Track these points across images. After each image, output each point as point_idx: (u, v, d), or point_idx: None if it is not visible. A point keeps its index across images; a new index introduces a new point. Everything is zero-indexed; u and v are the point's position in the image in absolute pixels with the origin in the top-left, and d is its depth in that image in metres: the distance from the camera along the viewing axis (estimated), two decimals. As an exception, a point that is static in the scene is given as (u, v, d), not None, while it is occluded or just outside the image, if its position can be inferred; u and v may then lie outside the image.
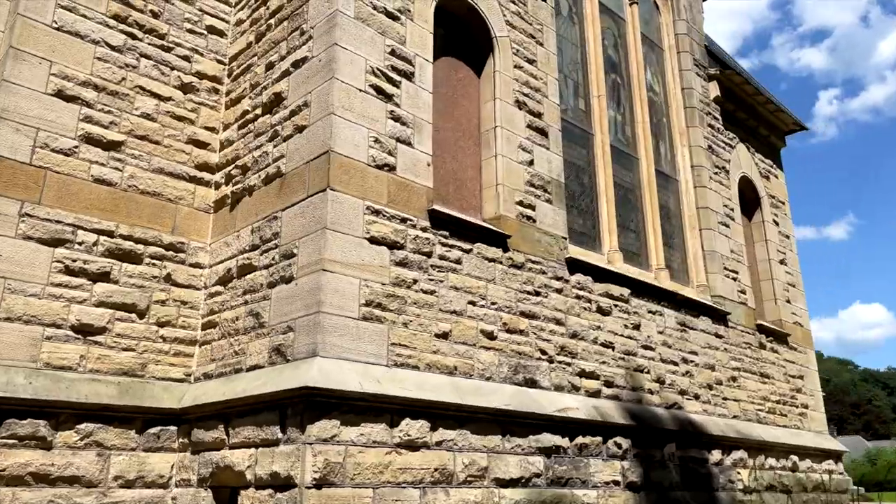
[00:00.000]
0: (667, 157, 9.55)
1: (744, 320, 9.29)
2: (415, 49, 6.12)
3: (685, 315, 8.27)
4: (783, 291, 10.43)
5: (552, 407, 6.09)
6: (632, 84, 9.24)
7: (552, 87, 7.49)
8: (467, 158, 6.66)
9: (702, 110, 9.89)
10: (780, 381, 9.65)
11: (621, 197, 8.51)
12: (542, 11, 7.66)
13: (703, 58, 10.33)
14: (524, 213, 6.66)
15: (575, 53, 8.55)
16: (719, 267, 9.13)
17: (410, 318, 5.41)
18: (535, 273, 6.57)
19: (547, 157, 7.13)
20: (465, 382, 5.58)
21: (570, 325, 6.75)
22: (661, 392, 7.55)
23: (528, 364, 6.20)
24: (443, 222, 5.88)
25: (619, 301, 7.40)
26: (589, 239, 7.85)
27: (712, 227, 9.27)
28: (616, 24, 9.42)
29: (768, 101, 11.03)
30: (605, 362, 7.01)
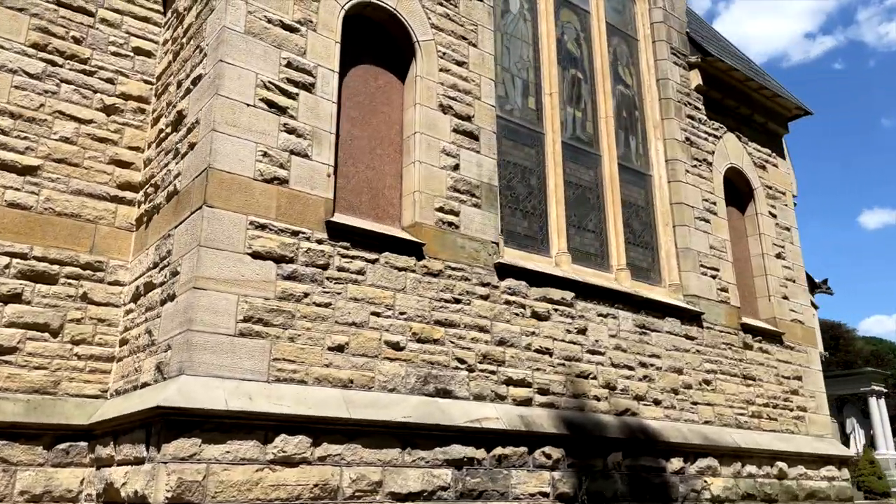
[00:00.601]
0: (639, 152, 9.18)
1: (724, 320, 8.83)
2: (316, 60, 6.08)
3: (646, 317, 7.92)
4: (779, 287, 9.87)
5: (465, 418, 5.94)
6: (595, 79, 8.93)
7: (486, 88, 7.31)
8: (386, 166, 6.58)
9: (679, 101, 9.47)
10: (770, 382, 9.12)
11: (578, 196, 8.24)
12: (477, 11, 7.49)
13: (684, 45, 9.89)
14: (445, 220, 6.53)
15: (526, 51, 8.33)
16: (694, 265, 8.71)
17: (299, 332, 5.38)
18: (455, 280, 6.43)
19: (477, 160, 6.97)
20: (359, 395, 5.51)
21: (497, 332, 6.57)
22: (610, 398, 7.26)
23: (441, 374, 6.07)
24: (343, 233, 5.82)
25: (560, 305, 7.15)
26: (535, 242, 7.62)
27: (687, 223, 8.85)
28: (579, 18, 9.13)
29: (762, 87, 10.45)
30: (541, 369, 6.79)
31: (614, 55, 9.38)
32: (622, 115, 9.15)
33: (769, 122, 10.78)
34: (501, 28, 8.16)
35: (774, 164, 10.74)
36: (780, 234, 10.28)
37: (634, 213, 8.80)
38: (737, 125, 10.31)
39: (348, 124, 6.44)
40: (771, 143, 10.83)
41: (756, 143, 10.55)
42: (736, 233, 10.01)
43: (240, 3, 5.76)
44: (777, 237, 10.20)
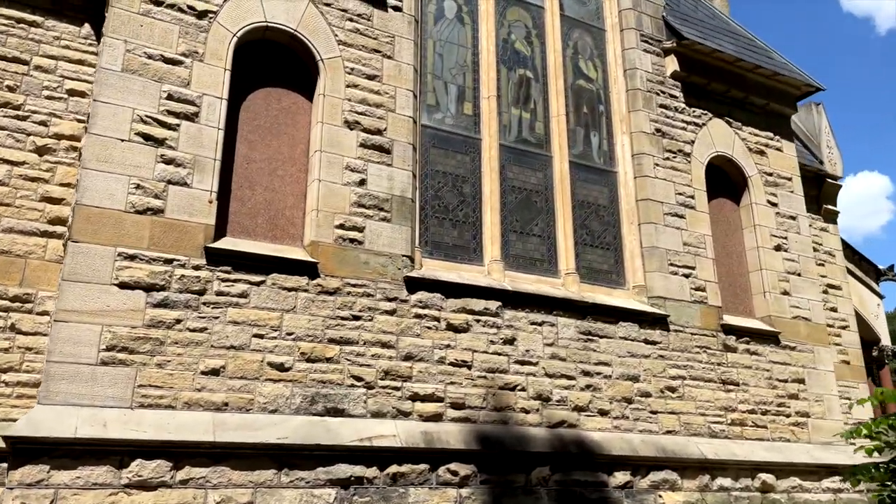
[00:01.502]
0: (602, 149, 8.76)
1: (699, 321, 8.26)
2: (202, 89, 6.24)
3: (593, 323, 7.55)
4: (778, 283, 9.10)
5: (354, 436, 5.90)
6: (548, 76, 8.60)
7: (403, 99, 7.22)
8: (288, 187, 6.65)
9: (650, 90, 8.95)
10: (760, 387, 8.43)
11: (522, 200, 7.97)
12: (394, 23, 7.42)
13: (659, 30, 9.34)
14: (346, 237, 6.51)
15: (464, 56, 8.15)
16: (661, 264, 8.21)
17: (169, 357, 5.54)
18: (356, 297, 6.40)
19: (388, 173, 6.90)
20: (233, 418, 5.60)
21: (404, 347, 6.48)
22: (543, 410, 6.97)
23: (332, 393, 6.06)
24: (224, 258, 5.94)
25: (483, 315, 6.95)
26: (467, 251, 7.45)
27: (654, 220, 8.35)
28: (532, 15, 8.83)
29: (757, 66, 9.69)
30: (456, 383, 6.63)
31: (574, 49, 9.00)
32: (582, 112, 8.77)
33: (770, 103, 9.97)
34: (434, 35, 8.04)
35: (777, 147, 9.92)
36: (783, 224, 9.48)
37: (594, 212, 8.41)
38: (727, 110, 9.61)
39: (245, 148, 6.56)
40: (774, 126, 10.02)
41: (753, 127, 9.79)
42: (729, 226, 9.34)
43: (118, 44, 6.01)
44: (777, 227, 9.41)
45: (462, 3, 8.37)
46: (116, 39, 6.01)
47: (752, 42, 10.39)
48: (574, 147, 8.54)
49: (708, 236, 8.70)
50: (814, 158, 13.05)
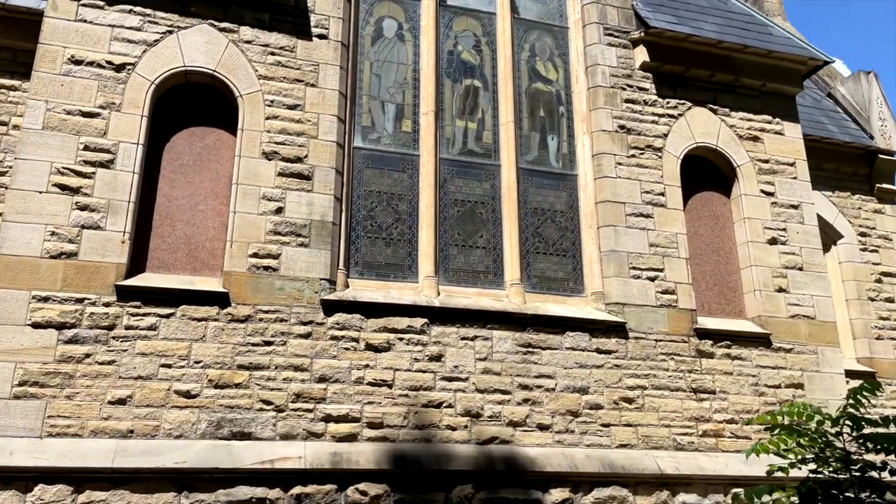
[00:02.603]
0: (560, 152, 8.48)
1: (666, 326, 7.78)
2: (118, 137, 6.73)
3: (535, 334, 7.33)
4: (772, 280, 8.37)
5: (256, 459, 6.12)
6: (498, 83, 8.45)
7: (326, 125, 7.38)
8: (209, 220, 7.00)
9: (614, 86, 8.55)
10: (742, 394, 7.80)
11: (465, 213, 7.88)
12: (319, 51, 7.61)
13: (628, 21, 8.90)
14: (261, 265, 6.77)
15: (403, 73, 8.20)
16: (621, 268, 7.82)
17: (78, 389, 6.02)
18: (268, 323, 6.63)
19: (308, 199, 7.09)
20: (136, 444, 5.98)
21: (318, 370, 6.63)
22: (472, 427, 6.87)
23: (239, 417, 6.31)
24: (134, 293, 6.37)
25: (406, 333, 6.96)
26: (402, 269, 7.48)
27: (614, 222, 7.98)
28: (481, 23, 8.72)
29: (745, 46, 9.00)
30: (375, 402, 6.68)
31: (531, 52, 8.78)
32: (539, 116, 8.53)
33: (767, 83, 9.21)
34: (371, 56, 8.16)
35: (777, 130, 9.14)
36: (780, 215, 8.72)
37: (549, 219, 8.16)
38: (711, 97, 8.99)
39: (167, 186, 6.98)
40: (773, 108, 9.24)
41: (745, 111, 9.08)
42: (717, 221, 8.74)
43: (40, 104, 6.62)
44: (774, 219, 8.67)
45: (403, 20, 8.43)
46: (38, 101, 6.61)
47: (750, 18, 9.65)
48: (528, 153, 8.33)
49: (681, 234, 8.18)
50: (862, 133, 11.93)
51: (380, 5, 8.41)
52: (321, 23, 7.72)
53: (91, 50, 6.90)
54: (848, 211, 11.53)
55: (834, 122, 12.13)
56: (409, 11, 8.48)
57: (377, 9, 8.38)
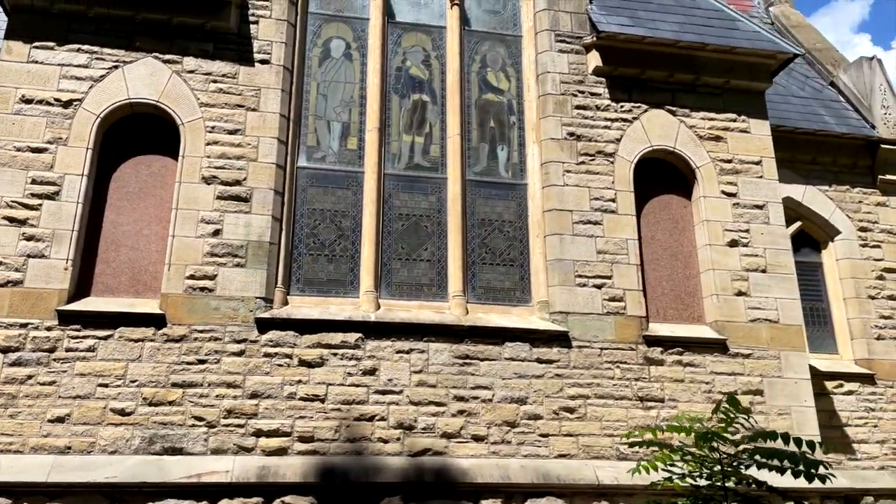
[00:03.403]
0: (510, 162, 8.49)
1: (612, 334, 7.69)
2: (64, 170, 7.16)
3: (473, 346, 7.38)
4: (731, 283, 8.14)
5: (185, 473, 6.41)
6: (446, 96, 8.53)
7: (266, 147, 7.63)
8: (153, 244, 7.34)
9: (564, 93, 8.51)
10: (695, 401, 7.62)
11: (409, 227, 8.00)
12: (261, 76, 7.88)
13: (581, 26, 8.83)
14: (197, 286, 7.07)
15: (350, 91, 8.38)
16: (566, 277, 7.78)
17: (20, 409, 6.44)
18: (203, 342, 6.92)
19: (245, 221, 7.36)
20: (72, 460, 6.36)
21: (251, 386, 6.87)
22: (405, 439, 6.97)
23: (171, 433, 6.61)
24: (76, 317, 6.77)
25: (341, 348, 7.13)
26: (343, 285, 7.66)
27: (560, 230, 7.94)
28: (431, 37, 8.81)
29: (705, 44, 8.79)
30: (306, 417, 6.88)
31: (482, 63, 8.83)
32: (489, 126, 8.57)
33: (731, 80, 8.97)
34: (318, 77, 8.37)
35: (742, 129, 8.89)
36: (743, 216, 8.47)
37: (497, 229, 8.18)
38: (669, 97, 8.81)
39: (114, 214, 7.36)
40: (738, 105, 8.98)
41: (707, 111, 8.86)
42: (676, 224, 8.57)
43: (-9, 142, 7.11)
44: (735, 220, 8.43)
45: (351, 40, 8.61)
46: (-9, 139, 7.11)
47: (717, 14, 9.42)
48: (476, 164, 8.38)
49: (632, 240, 8.07)
50: (864, 123, 11.44)
51: (328, 26, 8.62)
52: (264, 48, 7.98)
53: (41, 89, 7.35)
54: (847, 205, 11.06)
55: (833, 112, 11.67)
56: (358, 30, 8.66)
57: (325, 30, 8.60)
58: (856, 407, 10.02)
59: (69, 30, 7.62)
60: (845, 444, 9.84)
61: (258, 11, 8.11)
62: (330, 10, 8.68)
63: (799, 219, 11.04)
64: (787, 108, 11.46)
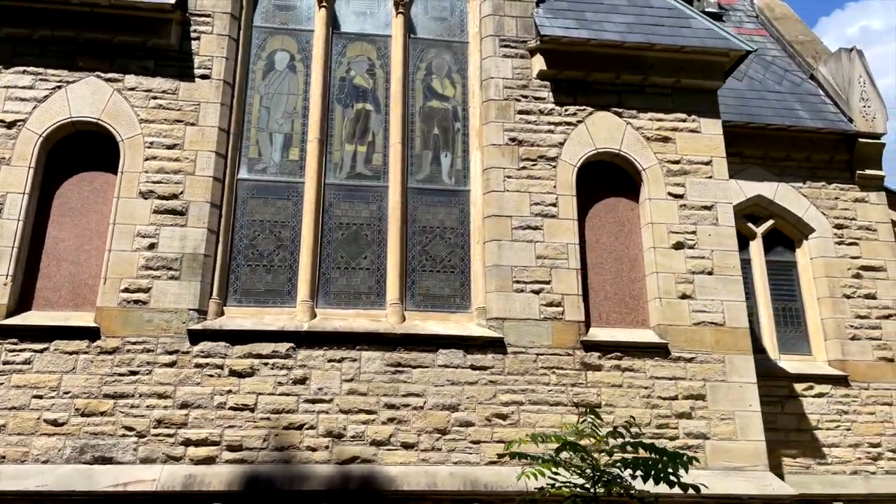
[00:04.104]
0: (454, 168, 8.50)
1: (549, 339, 7.65)
2: (6, 189, 7.41)
3: (405, 353, 7.41)
4: (675, 286, 8.02)
5: (112, 482, 6.59)
6: (390, 104, 8.58)
7: (203, 161, 7.79)
8: (93, 259, 7.55)
9: (507, 98, 8.49)
10: (633, 407, 7.53)
11: (349, 236, 8.07)
12: (201, 91, 8.04)
13: (527, 30, 8.79)
14: (131, 299, 7.25)
15: (294, 103, 8.49)
16: (504, 282, 7.76)
17: (-42, 420, 6.71)
18: (135, 354, 7.09)
19: (181, 234, 7.51)
20: (5, 469, 6.59)
21: (181, 396, 7.02)
22: (333, 447, 7.05)
23: (102, 443, 6.79)
24: (13, 331, 7.00)
25: (272, 358, 7.24)
26: (281, 295, 7.76)
27: (499, 236, 7.93)
28: (376, 46, 8.88)
29: (652, 45, 8.67)
30: (235, 426, 7.00)
31: (428, 70, 8.85)
32: (433, 133, 8.60)
33: (681, 79, 8.83)
34: (262, 90, 8.50)
35: (692, 129, 8.74)
36: (690, 217, 8.34)
37: (439, 236, 8.20)
38: (616, 99, 8.72)
39: (56, 230, 7.59)
40: (687, 105, 8.83)
41: (656, 111, 8.75)
42: (623, 227, 8.48)
43: (-63, 164, 7.40)
44: (682, 222, 8.31)
45: (296, 52, 8.72)
46: (-63, 160, 7.40)
47: (671, 12, 9.27)
48: (419, 172, 8.42)
49: (572, 244, 8.01)
50: (841, 117, 11.17)
51: (273, 39, 8.75)
52: (204, 64, 8.14)
53: (-14, 111, 7.63)
54: (822, 202, 10.81)
55: (810, 107, 11.41)
56: (303, 42, 8.77)
57: (270, 43, 8.73)
58: (827, 410, 9.78)
59: (14, 53, 7.88)
60: (815, 447, 9.62)
61: (200, 28, 8.27)
62: (275, 23, 8.81)
63: (771, 217, 10.85)
64: (760, 104, 11.25)
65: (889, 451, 9.65)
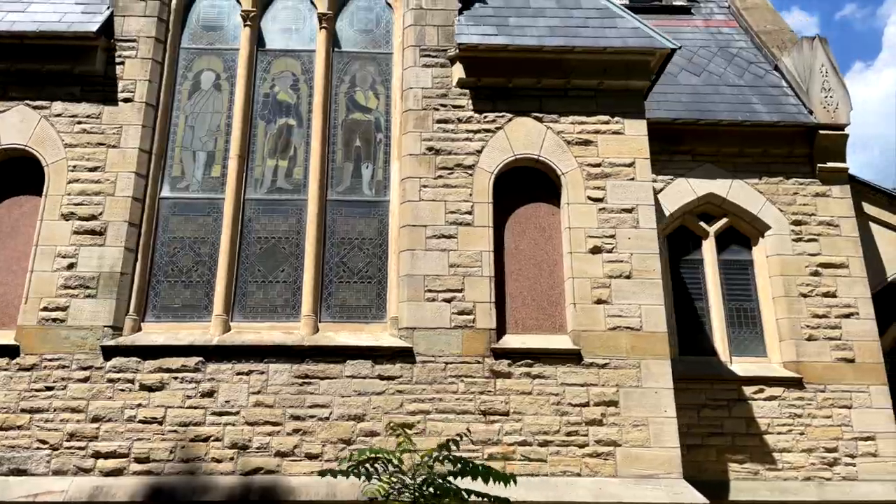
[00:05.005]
0: (375, 179, 8.58)
1: (459, 348, 7.66)
2: (-64, 215, 7.84)
3: (314, 365, 7.53)
4: (591, 291, 7.92)
5: (25, 493, 6.90)
6: (312, 118, 8.72)
7: (124, 182, 8.06)
8: (19, 279, 7.89)
9: (426, 108, 8.53)
10: (542, 414, 7.48)
11: (267, 250, 8.23)
12: (124, 114, 8.32)
13: (449, 39, 8.81)
14: (51, 317, 7.57)
15: (218, 121, 8.70)
16: (416, 292, 7.81)
17: None
18: (52, 370, 7.40)
19: (99, 253, 7.80)
20: (-75, 482, 6.97)
21: (93, 410, 7.30)
22: (238, 459, 7.21)
23: (17, 456, 7.12)
24: (-62, 351, 7.40)
25: (181, 372, 7.45)
26: (198, 310, 7.97)
27: (413, 246, 7.98)
28: (300, 61, 9.03)
29: (572, 48, 8.59)
30: (144, 438, 7.24)
31: (352, 82, 8.96)
32: (355, 146, 8.70)
33: (605, 81, 8.71)
34: (187, 109, 8.74)
35: (616, 130, 8.62)
36: (609, 221, 8.22)
37: (357, 247, 8.30)
38: (537, 104, 8.66)
39: (-16, 253, 7.99)
40: (611, 107, 8.70)
41: (578, 115, 8.65)
42: (543, 233, 8.42)
43: None
44: (601, 226, 8.20)
45: (221, 70, 8.94)
46: None
47: (601, 12, 9.16)
48: (340, 184, 8.53)
49: (486, 252, 8.00)
50: (802, 109, 10.86)
51: (200, 59, 8.99)
52: (128, 87, 8.43)
53: (-79, 142, 8.07)
54: (779, 198, 10.52)
55: (769, 99, 11.11)
56: (228, 61, 8.98)
57: (197, 63, 8.97)
58: (779, 413, 9.51)
59: (-51, 85, 8.32)
60: (765, 452, 9.37)
61: (125, 53, 8.56)
62: (203, 43, 9.05)
63: (725, 215, 10.62)
64: (715, 100, 11.02)
65: (847, 457, 9.31)
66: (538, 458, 7.37)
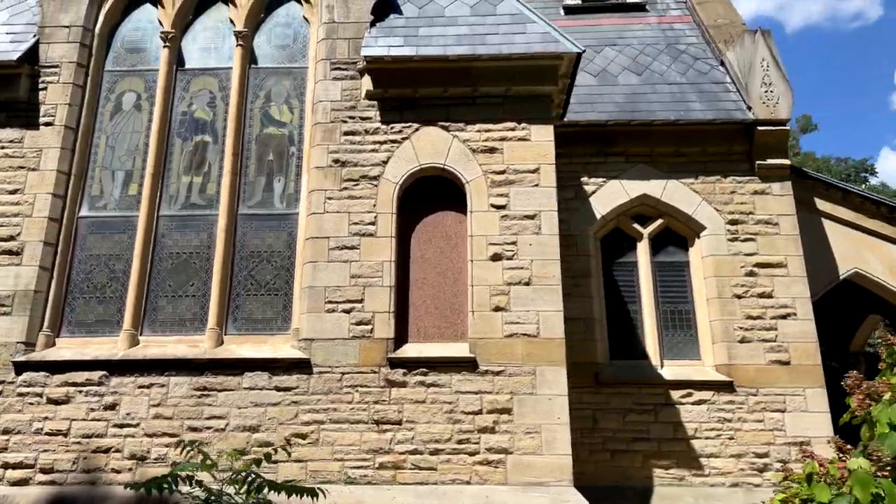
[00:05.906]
0: (286, 193, 8.75)
1: (356, 358, 7.77)
2: None
3: (212, 377, 7.74)
4: (490, 298, 7.94)
5: (-67, 504, 7.28)
6: (227, 134, 8.93)
7: (41, 203, 8.41)
8: (-55, 299, 8.32)
9: (334, 121, 8.67)
10: (435, 422, 7.53)
11: (179, 265, 8.48)
12: (44, 137, 8.68)
13: (359, 52, 8.93)
14: (-32, 335, 7.95)
15: (137, 140, 8.99)
16: (317, 303, 7.96)
17: None
18: (-33, 385, 7.78)
19: (16, 272, 8.16)
20: None
21: (3, 423, 7.64)
22: (137, 469, 7.47)
23: (-69, 468, 7.51)
24: None
25: (86, 386, 7.74)
26: (111, 325, 8.26)
27: (316, 258, 8.12)
28: (218, 79, 9.26)
29: (478, 56, 8.61)
30: (50, 450, 7.55)
31: (267, 98, 9.15)
32: (267, 160, 8.89)
33: (512, 87, 8.70)
34: (108, 130, 9.05)
35: (522, 136, 8.61)
36: (511, 228, 8.23)
37: (266, 260, 8.48)
38: (444, 113, 8.70)
39: (-85, 275, 8.41)
40: (518, 113, 8.66)
41: (484, 122, 8.66)
42: (449, 241, 8.47)
43: None
44: (502, 233, 8.21)
45: (142, 91, 9.22)
46: None
47: (514, 17, 9.15)
48: (252, 198, 8.72)
49: (388, 262, 8.10)
50: (742, 105, 10.69)
51: (123, 81, 9.29)
52: (49, 112, 8.78)
53: None
54: (716, 197, 10.36)
55: (708, 97, 10.93)
56: (149, 82, 9.26)
57: (120, 85, 9.27)
58: (707, 418, 9.37)
59: None
60: (691, 458, 9.24)
61: (48, 78, 8.92)
62: (125, 65, 9.35)
63: (661, 217, 10.49)
64: (651, 99, 10.90)
65: (778, 462, 9.10)
66: (428, 466, 7.43)
